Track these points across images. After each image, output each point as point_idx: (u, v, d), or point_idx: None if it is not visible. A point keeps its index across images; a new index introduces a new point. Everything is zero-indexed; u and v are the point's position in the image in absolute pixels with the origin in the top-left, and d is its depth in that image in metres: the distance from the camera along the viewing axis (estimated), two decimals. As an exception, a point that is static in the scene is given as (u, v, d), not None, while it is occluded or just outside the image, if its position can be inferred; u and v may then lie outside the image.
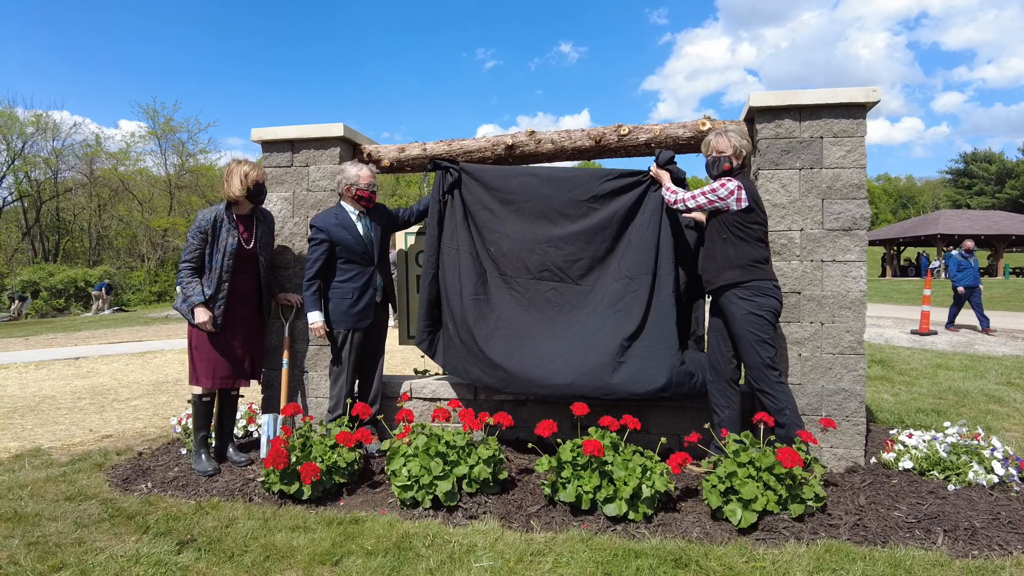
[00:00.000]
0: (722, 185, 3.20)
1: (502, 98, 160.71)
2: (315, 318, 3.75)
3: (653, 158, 3.67)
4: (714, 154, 3.32)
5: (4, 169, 29.11)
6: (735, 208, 3.18)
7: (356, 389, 3.97)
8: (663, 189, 3.48)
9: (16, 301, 23.33)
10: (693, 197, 3.28)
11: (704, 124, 3.74)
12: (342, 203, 3.84)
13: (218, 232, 3.60)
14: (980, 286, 10.21)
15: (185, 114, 74.06)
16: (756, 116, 3.59)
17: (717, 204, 3.21)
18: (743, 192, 3.18)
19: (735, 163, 3.29)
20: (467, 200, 3.95)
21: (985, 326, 10.07)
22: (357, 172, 3.77)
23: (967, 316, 10.93)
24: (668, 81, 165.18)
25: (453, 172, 3.95)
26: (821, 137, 3.52)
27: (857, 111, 3.48)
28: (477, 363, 3.74)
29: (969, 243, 10.52)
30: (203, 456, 3.69)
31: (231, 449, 3.84)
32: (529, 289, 3.84)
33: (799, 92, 3.50)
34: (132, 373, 7.90)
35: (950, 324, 10.44)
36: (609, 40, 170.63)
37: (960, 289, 10.14)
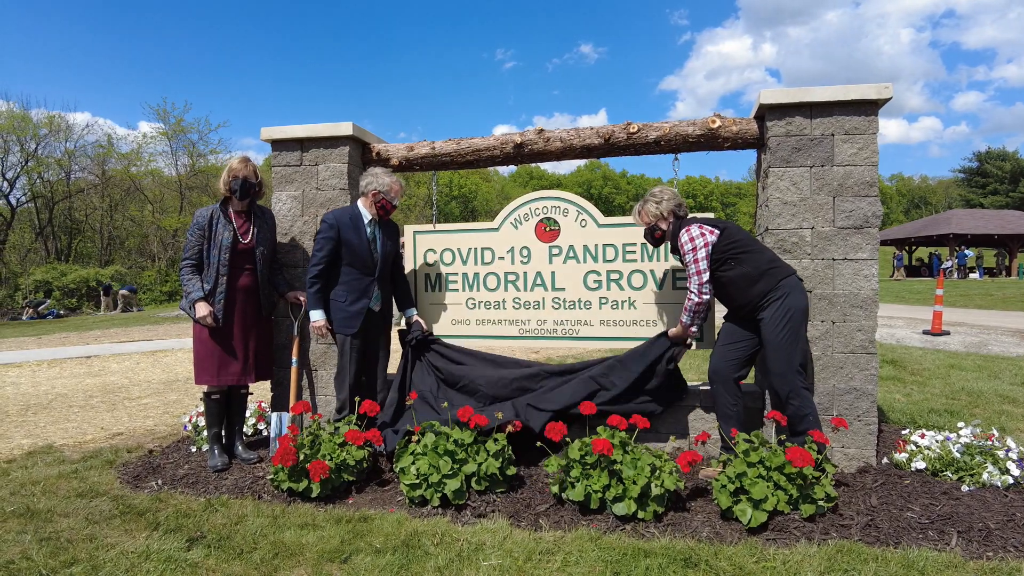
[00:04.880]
0: (691, 242, 3.25)
1: (519, 99, 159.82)
2: (316, 316, 3.74)
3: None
4: (645, 226, 3.50)
5: (18, 170, 29.39)
6: (714, 242, 3.23)
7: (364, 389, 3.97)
8: (684, 321, 3.43)
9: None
10: (700, 284, 3.25)
11: (714, 122, 3.72)
12: (359, 204, 3.80)
13: (214, 228, 3.68)
14: None
15: (196, 114, 75.00)
16: (766, 114, 3.56)
17: (707, 257, 3.23)
18: (703, 229, 3.25)
19: (664, 227, 3.41)
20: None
21: None
22: (391, 182, 3.73)
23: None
24: (687, 81, 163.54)
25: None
26: (832, 134, 3.48)
27: (869, 108, 3.44)
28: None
29: None
30: (216, 451, 3.74)
31: (240, 447, 3.86)
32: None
33: (809, 89, 3.46)
34: (143, 372, 7.96)
35: None
36: (629, 40, 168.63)
37: None
